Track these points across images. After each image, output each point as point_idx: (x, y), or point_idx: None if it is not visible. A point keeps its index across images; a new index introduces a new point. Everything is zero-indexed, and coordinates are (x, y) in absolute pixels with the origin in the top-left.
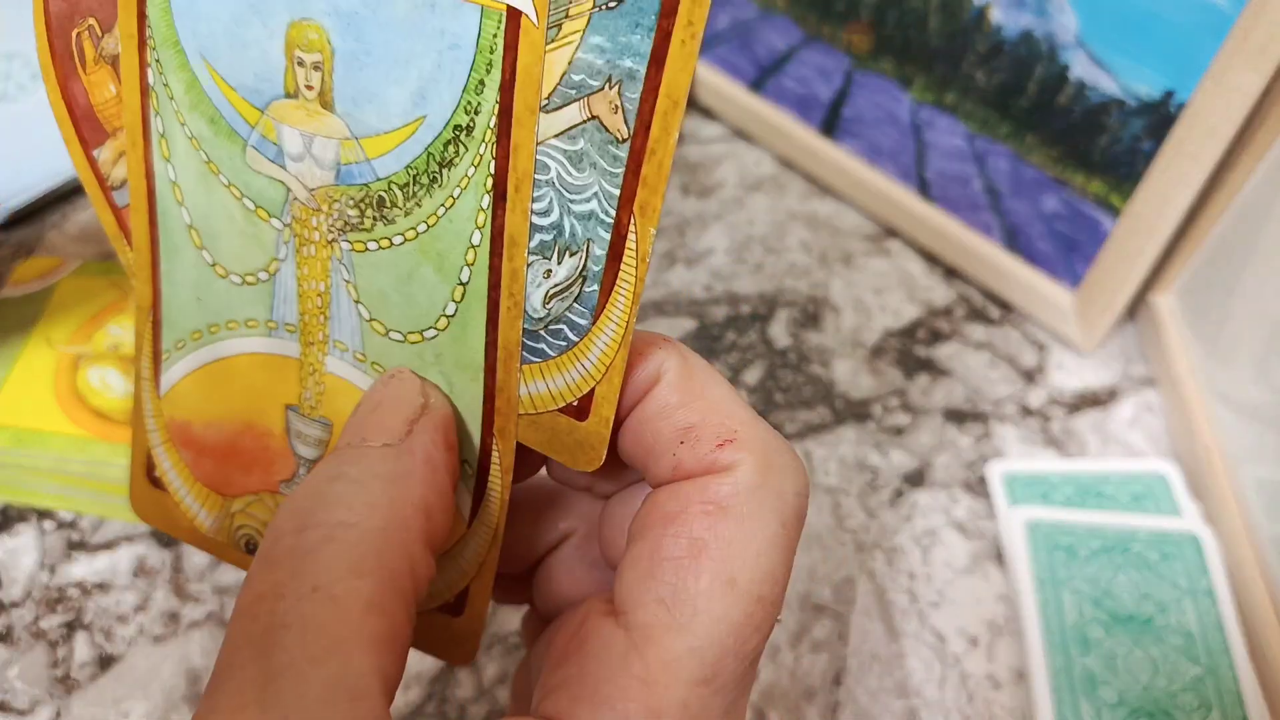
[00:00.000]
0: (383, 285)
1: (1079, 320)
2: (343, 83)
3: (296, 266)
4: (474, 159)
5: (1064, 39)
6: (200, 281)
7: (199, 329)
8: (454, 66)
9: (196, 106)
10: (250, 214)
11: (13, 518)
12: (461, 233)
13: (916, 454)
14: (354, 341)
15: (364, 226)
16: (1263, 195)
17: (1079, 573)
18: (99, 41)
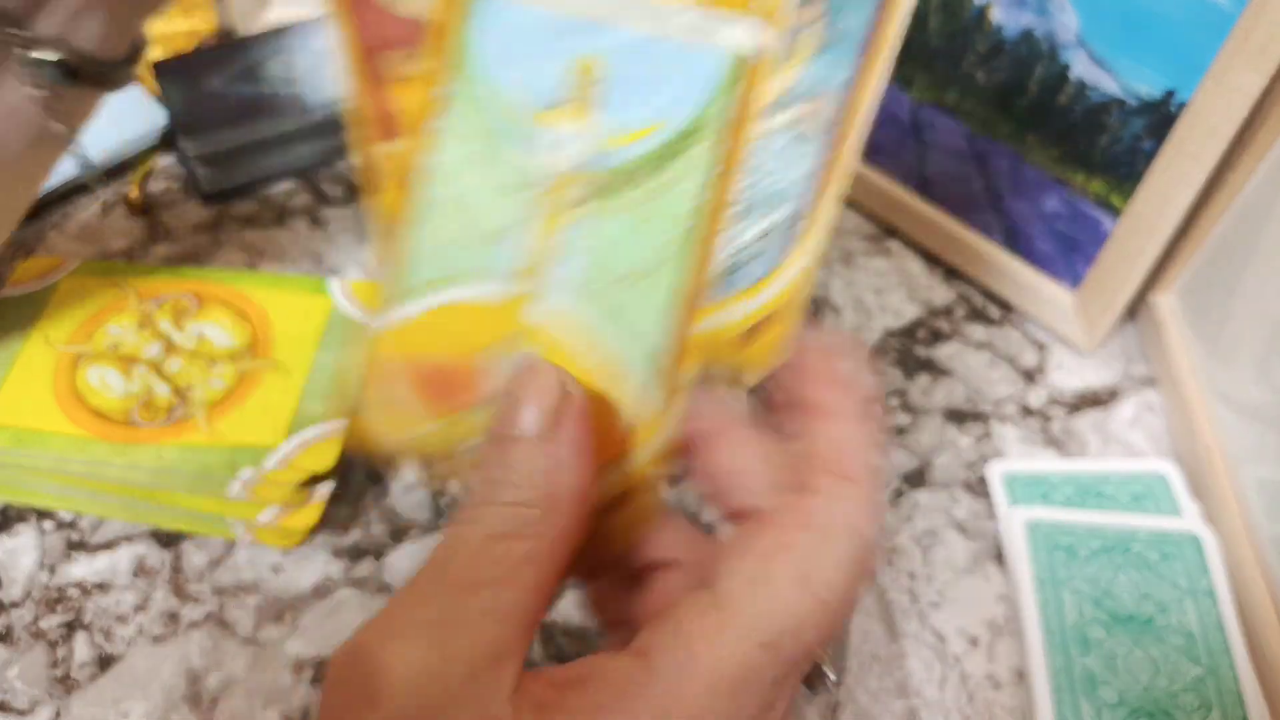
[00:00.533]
0: (602, 244)
1: (1079, 320)
2: (606, 95)
3: (536, 226)
4: (698, 154)
5: (1065, 38)
6: (448, 240)
7: (433, 279)
8: (697, 86)
9: (482, 109)
10: (504, 189)
11: (12, 518)
12: (678, 205)
13: (917, 454)
14: (571, 285)
15: (598, 199)
16: (1263, 195)
17: (1079, 573)
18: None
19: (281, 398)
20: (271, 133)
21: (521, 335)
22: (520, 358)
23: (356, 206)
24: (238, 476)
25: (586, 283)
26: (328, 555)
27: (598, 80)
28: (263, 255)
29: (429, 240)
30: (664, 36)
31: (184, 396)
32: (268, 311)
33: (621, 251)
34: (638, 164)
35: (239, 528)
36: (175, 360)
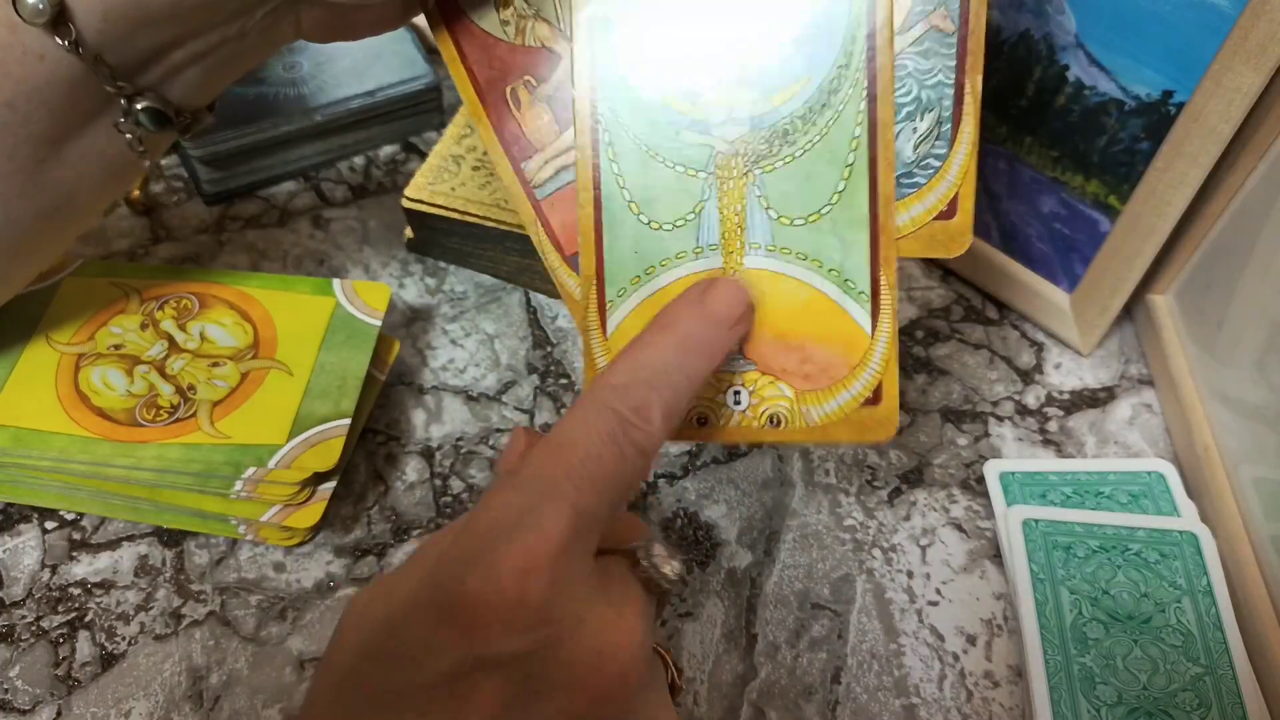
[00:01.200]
0: (787, 190)
1: (1077, 320)
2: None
3: (718, 200)
4: (851, 82)
5: (1062, 40)
6: (638, 238)
7: (637, 275)
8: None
9: (638, 115)
10: (681, 175)
11: (15, 517)
12: (846, 132)
13: (915, 453)
14: (766, 239)
15: (772, 154)
16: (1262, 195)
17: (1077, 572)
18: (535, 89)
19: (284, 397)
20: (274, 134)
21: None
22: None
23: (358, 208)
24: (240, 476)
25: (775, 234)
26: (330, 554)
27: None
28: (265, 256)
29: (624, 240)
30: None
31: (186, 396)
32: (270, 312)
33: (799, 198)
34: (795, 119)
35: (242, 526)
36: (178, 360)
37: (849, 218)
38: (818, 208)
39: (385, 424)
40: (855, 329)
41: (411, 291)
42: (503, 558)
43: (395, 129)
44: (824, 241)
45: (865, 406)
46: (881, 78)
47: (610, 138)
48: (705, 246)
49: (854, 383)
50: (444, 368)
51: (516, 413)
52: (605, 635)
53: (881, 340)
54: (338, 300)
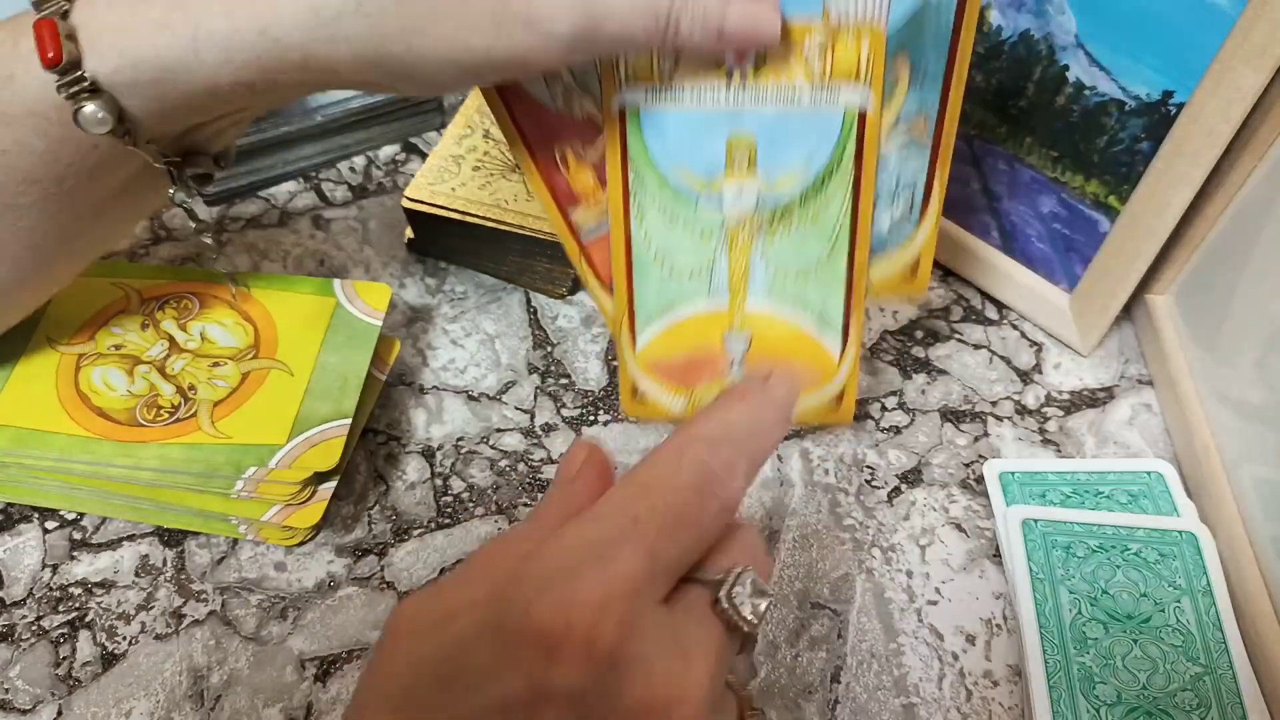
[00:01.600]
0: (784, 253)
1: (1076, 320)
2: (762, 156)
3: (728, 257)
4: (840, 179)
5: (1063, 40)
6: (661, 284)
7: (660, 309)
8: (828, 137)
9: (664, 190)
10: (697, 239)
11: (15, 517)
12: (833, 216)
13: (914, 453)
14: (764, 287)
15: (772, 227)
16: (1262, 195)
17: (1076, 571)
18: (580, 154)
19: (285, 397)
20: (274, 134)
21: (739, 325)
22: (739, 334)
23: (359, 208)
24: (241, 475)
25: (771, 285)
26: (331, 553)
27: (749, 150)
28: (266, 256)
29: (650, 284)
30: (793, 110)
31: (187, 396)
32: (271, 312)
33: (792, 260)
34: (792, 201)
35: (242, 526)
36: (179, 360)
37: (830, 275)
38: (806, 268)
39: (386, 424)
40: (827, 358)
41: (412, 291)
42: (575, 592)
43: (396, 129)
44: (809, 291)
45: (832, 403)
46: (865, 177)
47: (639, 205)
48: (716, 290)
49: (825, 388)
50: (444, 368)
51: (517, 412)
52: (670, 687)
53: (847, 364)
54: (338, 300)
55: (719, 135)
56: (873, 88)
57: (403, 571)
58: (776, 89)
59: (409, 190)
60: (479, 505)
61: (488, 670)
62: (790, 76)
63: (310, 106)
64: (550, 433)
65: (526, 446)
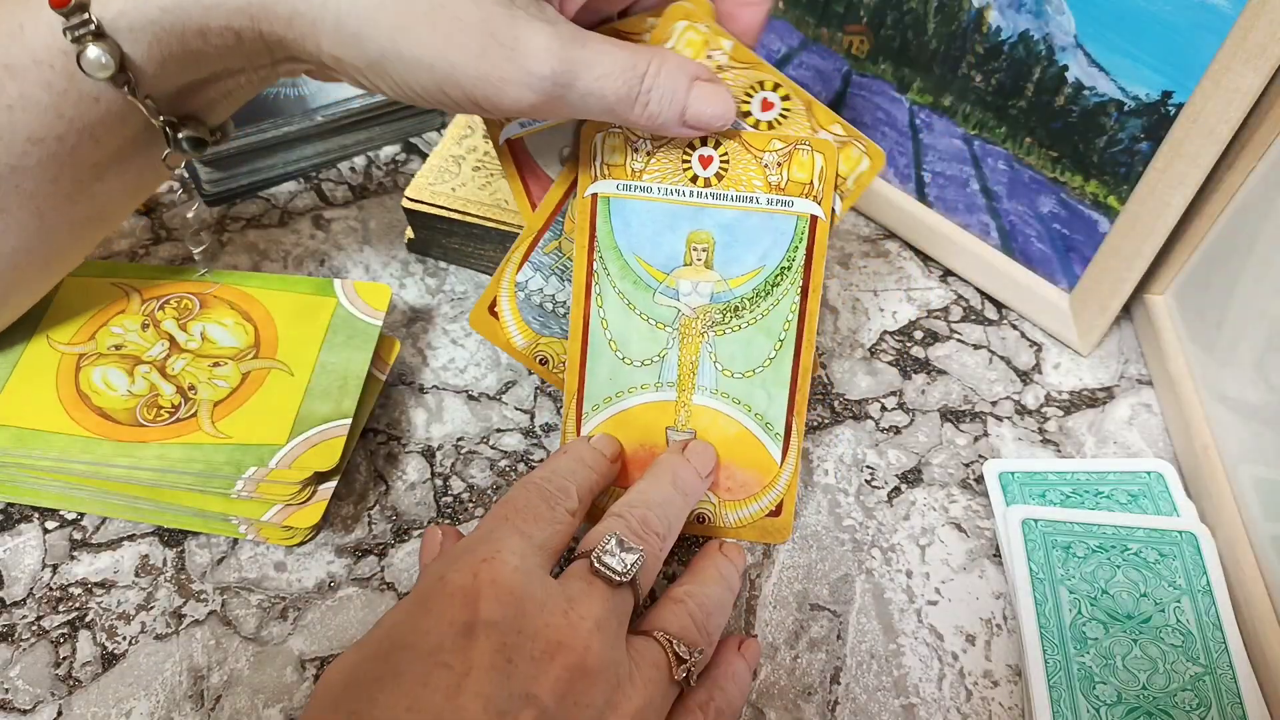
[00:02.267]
0: (732, 350)
1: (1076, 320)
2: (719, 255)
3: (679, 350)
4: (791, 279)
5: (1062, 40)
6: (613, 369)
7: (610, 396)
8: (782, 240)
9: (624, 276)
10: (652, 328)
11: (15, 517)
12: (782, 315)
13: (914, 453)
14: (711, 383)
15: (724, 322)
16: (1261, 195)
17: (1076, 571)
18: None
19: (285, 397)
20: (275, 134)
21: (684, 420)
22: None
23: (359, 208)
24: (241, 475)
25: (719, 382)
26: (331, 553)
27: (708, 247)
28: (266, 256)
29: (602, 369)
30: (751, 213)
31: (187, 396)
32: (271, 312)
33: (740, 358)
34: (744, 299)
35: (243, 526)
36: (179, 360)
37: (775, 378)
38: (753, 367)
39: (386, 424)
40: (769, 460)
41: (412, 291)
42: (474, 556)
43: (396, 129)
44: (755, 392)
45: (768, 517)
46: (814, 280)
47: (600, 289)
48: (665, 383)
49: (763, 498)
50: (444, 367)
51: (517, 412)
52: (560, 618)
53: (788, 470)
54: (338, 300)
55: (680, 231)
56: (823, 204)
57: (403, 572)
58: (737, 194)
59: (409, 190)
60: (479, 505)
61: (417, 629)
62: (750, 185)
63: (310, 107)
64: (550, 433)
65: (526, 446)
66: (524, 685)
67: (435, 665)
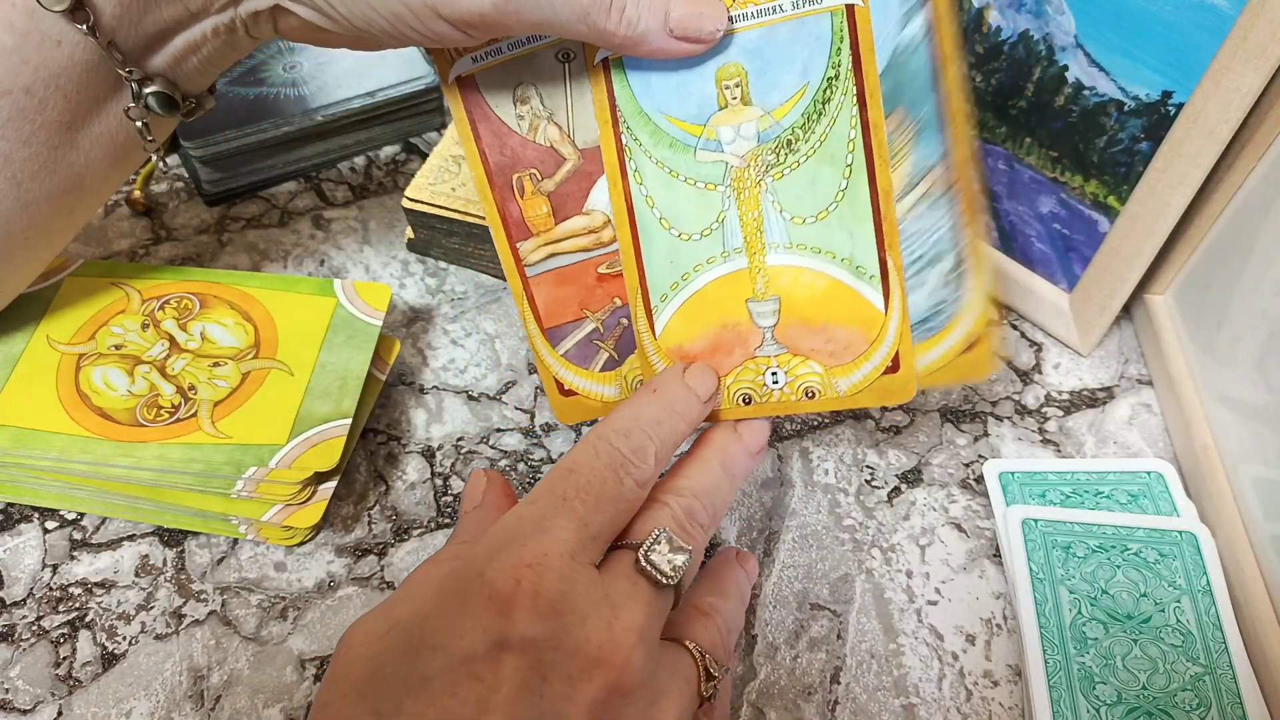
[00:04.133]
0: (797, 192)
1: (1076, 321)
2: (755, 86)
3: (737, 208)
4: (842, 89)
5: (1062, 40)
6: (671, 249)
7: (675, 281)
8: (820, 46)
9: (658, 141)
10: (702, 191)
11: (15, 517)
12: (842, 136)
13: (914, 453)
14: (783, 238)
15: (780, 162)
16: (1261, 195)
17: (1076, 571)
18: (538, 183)
19: (285, 397)
20: (275, 134)
21: (763, 288)
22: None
23: (359, 208)
24: (241, 475)
25: (791, 233)
26: (331, 553)
27: (741, 81)
28: (266, 256)
29: (659, 252)
30: (777, 25)
31: (187, 396)
32: (271, 312)
33: (807, 199)
34: (795, 129)
35: (243, 526)
36: (179, 360)
37: (854, 213)
38: (825, 206)
39: (386, 424)
40: (870, 309)
41: (412, 291)
42: (521, 555)
43: (396, 129)
44: (834, 235)
45: (886, 375)
46: (868, 82)
47: (635, 164)
48: (731, 250)
49: (874, 354)
50: (445, 368)
51: (517, 412)
52: (601, 633)
53: (894, 316)
54: (338, 300)
55: (706, 71)
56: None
57: (403, 571)
58: (755, 6)
59: (409, 190)
60: None
61: (450, 630)
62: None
63: (310, 107)
64: (550, 433)
65: (526, 446)
66: (557, 705)
67: (465, 675)
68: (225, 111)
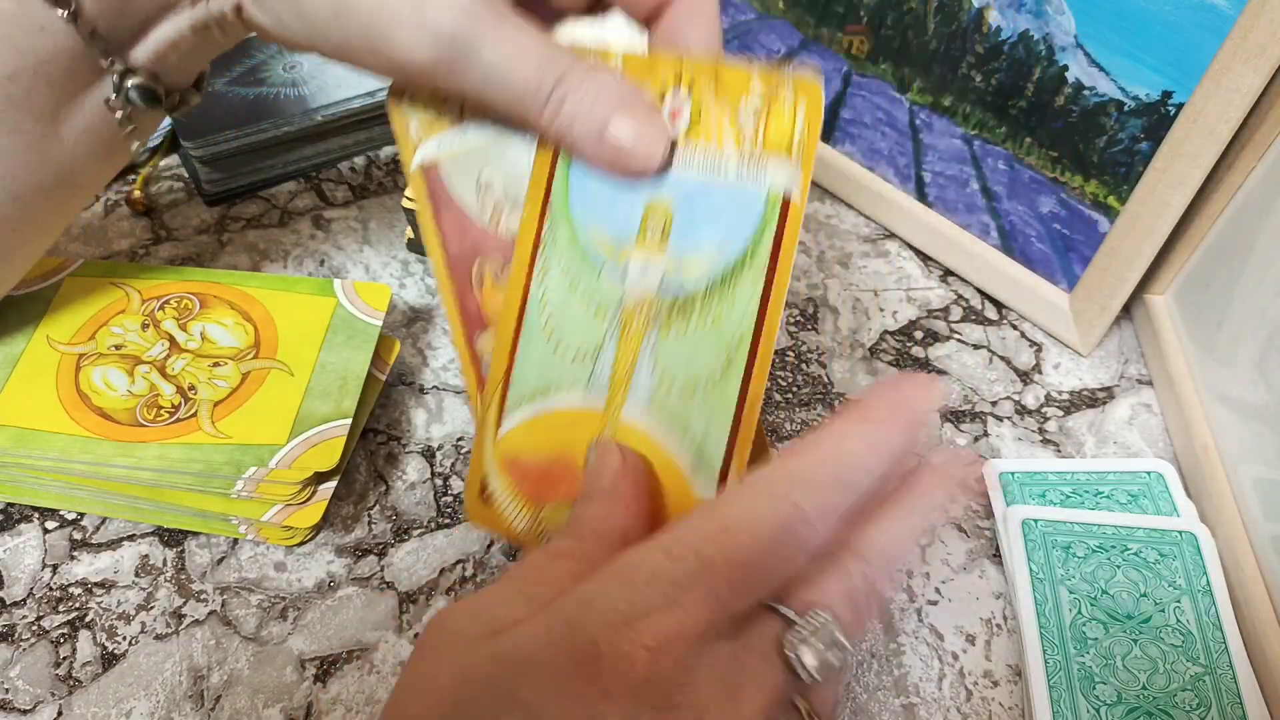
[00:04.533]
0: (676, 358)
1: (1076, 321)
2: (676, 231)
3: (616, 347)
4: (752, 277)
5: (1062, 40)
6: (544, 358)
7: (536, 391)
8: (746, 223)
9: (573, 247)
10: (591, 316)
11: (15, 517)
12: (736, 324)
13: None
14: (645, 395)
15: (670, 321)
16: (1261, 195)
17: (1076, 571)
18: (498, 275)
19: (285, 397)
20: (275, 134)
21: (609, 437)
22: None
23: (359, 208)
24: (241, 475)
25: (654, 393)
26: (331, 553)
27: (665, 220)
28: (266, 256)
29: (533, 356)
30: (717, 181)
31: (187, 396)
32: (271, 312)
33: (682, 366)
34: (696, 293)
35: (243, 526)
36: (179, 360)
37: (720, 401)
38: (696, 384)
39: (386, 424)
40: (693, 503)
41: (412, 291)
42: (641, 633)
43: None
44: (693, 414)
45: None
46: (778, 280)
47: (545, 259)
48: (596, 385)
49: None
50: (445, 368)
51: None
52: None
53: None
54: (338, 300)
55: (639, 195)
56: (802, 167)
57: (403, 572)
58: (705, 154)
59: (409, 190)
60: None
61: (546, 694)
62: (720, 140)
63: (310, 107)
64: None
65: None
66: None
67: None
68: (225, 111)
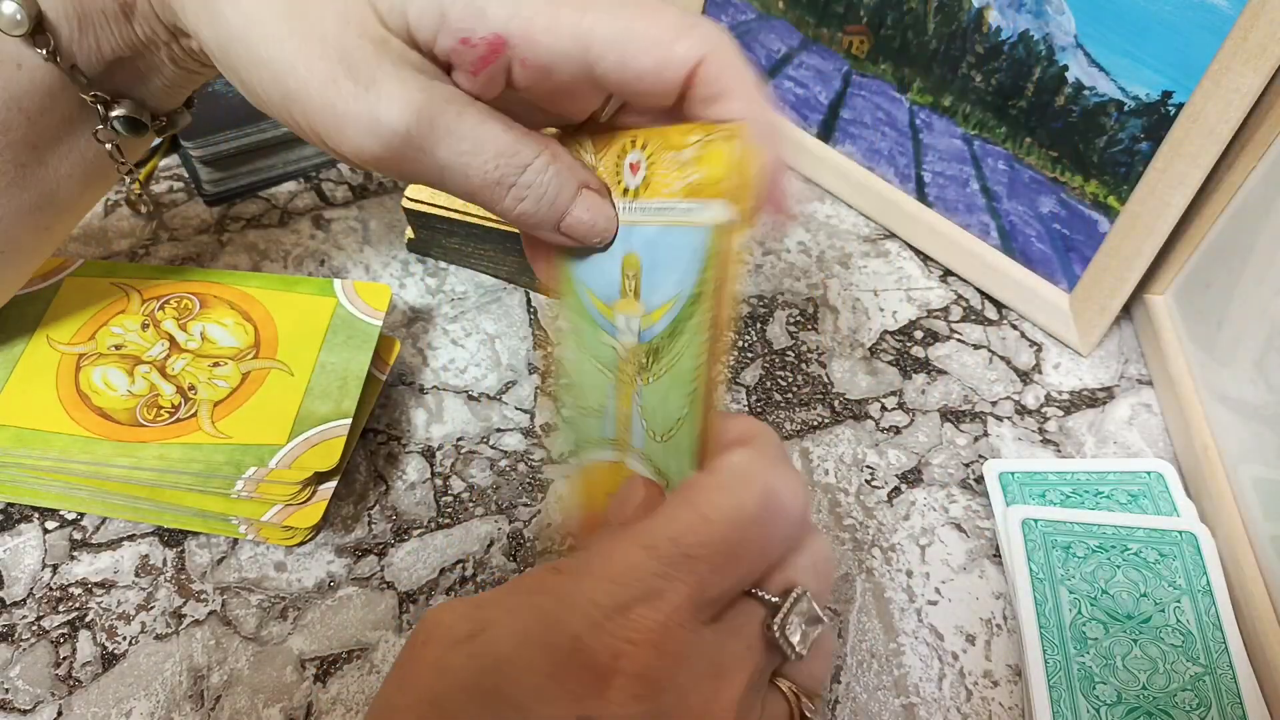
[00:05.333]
0: (654, 404)
1: (1076, 321)
2: (645, 281)
3: (616, 400)
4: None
5: (1062, 40)
6: (573, 418)
7: (574, 446)
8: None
9: (576, 309)
10: (597, 371)
11: (15, 517)
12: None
13: (914, 453)
14: (641, 444)
15: (648, 368)
16: (1260, 195)
17: (1076, 571)
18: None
19: (285, 397)
20: (275, 134)
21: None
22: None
23: (359, 208)
24: (241, 475)
25: (645, 443)
26: (331, 553)
27: (637, 272)
28: (266, 256)
29: (567, 414)
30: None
31: (187, 396)
32: (271, 312)
33: (658, 414)
34: (662, 337)
35: (243, 526)
36: (179, 360)
37: (687, 447)
38: (669, 428)
39: (386, 424)
40: None
41: (412, 292)
42: (624, 626)
43: None
44: (670, 461)
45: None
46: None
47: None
48: (606, 439)
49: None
50: (445, 368)
51: (517, 412)
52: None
53: None
54: (339, 300)
55: (615, 254)
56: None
57: (403, 571)
58: (659, 206)
59: (409, 190)
60: (479, 505)
61: (536, 692)
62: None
63: None
64: (551, 433)
65: (527, 446)
66: None
67: None
68: (225, 111)
